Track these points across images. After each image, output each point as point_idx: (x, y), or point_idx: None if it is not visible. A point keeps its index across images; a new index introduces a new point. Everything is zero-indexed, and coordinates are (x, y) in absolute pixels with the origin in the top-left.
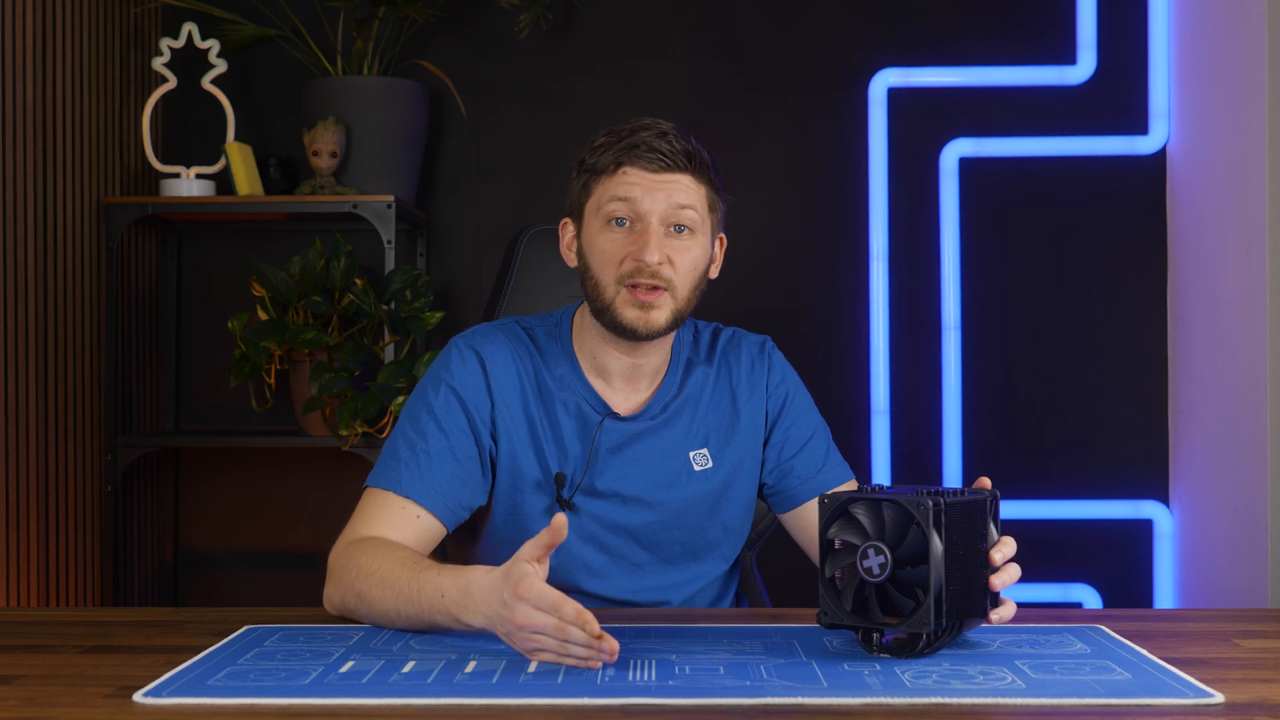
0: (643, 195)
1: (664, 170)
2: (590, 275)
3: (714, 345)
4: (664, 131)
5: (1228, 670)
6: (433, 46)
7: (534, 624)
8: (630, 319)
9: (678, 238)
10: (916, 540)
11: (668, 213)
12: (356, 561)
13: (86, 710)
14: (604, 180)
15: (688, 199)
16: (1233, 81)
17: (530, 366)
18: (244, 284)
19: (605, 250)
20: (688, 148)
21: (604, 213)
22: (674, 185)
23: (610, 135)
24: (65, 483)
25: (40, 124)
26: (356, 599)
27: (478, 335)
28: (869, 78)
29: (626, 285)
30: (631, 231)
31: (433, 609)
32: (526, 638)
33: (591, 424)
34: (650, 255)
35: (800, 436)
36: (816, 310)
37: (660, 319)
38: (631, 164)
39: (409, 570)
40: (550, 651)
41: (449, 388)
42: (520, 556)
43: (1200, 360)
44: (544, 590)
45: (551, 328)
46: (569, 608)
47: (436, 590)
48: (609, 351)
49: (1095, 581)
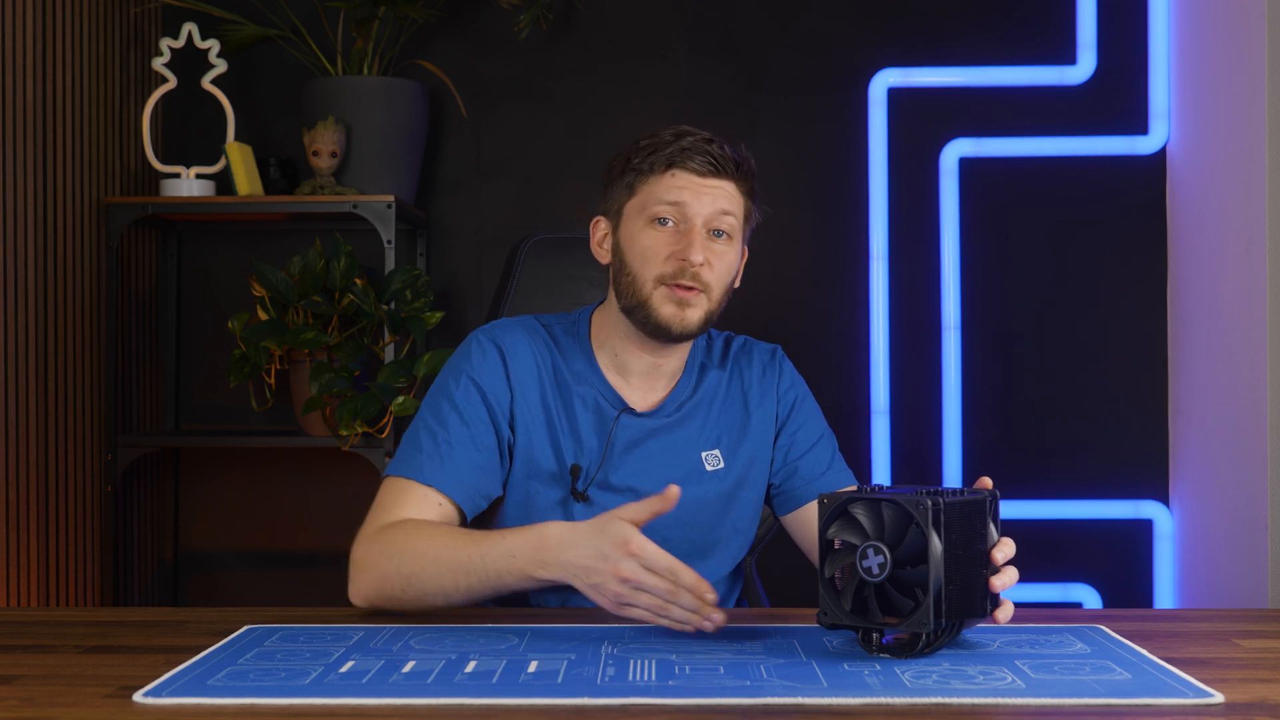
0: (691, 198)
1: (712, 175)
2: (627, 271)
3: (726, 351)
4: (710, 138)
5: (1228, 670)
6: (433, 46)
7: (641, 581)
8: (667, 316)
9: (717, 242)
10: (916, 540)
11: (711, 216)
12: (397, 546)
13: (86, 710)
14: (652, 180)
15: (731, 205)
16: (1233, 81)
17: (549, 359)
18: (244, 284)
19: (647, 247)
20: (737, 156)
21: (650, 212)
22: (720, 191)
23: (655, 138)
24: (65, 483)
25: (40, 124)
26: (403, 582)
27: (497, 329)
28: (869, 78)
29: (667, 284)
30: (676, 231)
31: (500, 571)
32: (626, 592)
33: (608, 418)
34: (696, 255)
35: (807, 439)
36: (816, 310)
37: (695, 318)
38: (682, 166)
39: (465, 541)
40: (644, 609)
41: (469, 379)
42: (620, 515)
43: (1200, 360)
44: (658, 552)
45: (570, 325)
46: (688, 575)
47: (505, 552)
48: (632, 350)
49: (1095, 581)
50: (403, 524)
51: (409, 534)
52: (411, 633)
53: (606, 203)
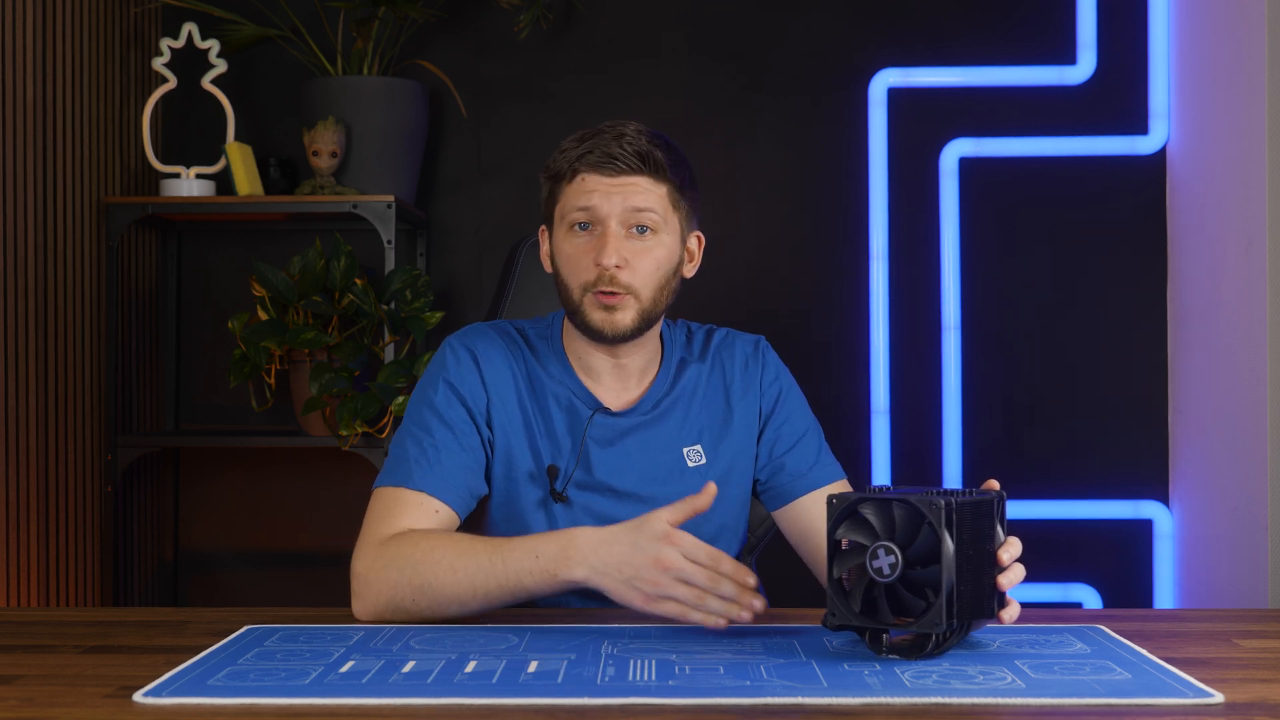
0: (600, 200)
1: (619, 174)
2: (560, 281)
3: (707, 344)
4: (621, 134)
5: (1228, 670)
6: (433, 46)
7: (682, 569)
8: (597, 322)
9: (640, 239)
10: (927, 540)
11: (625, 215)
12: (405, 556)
13: (86, 710)
14: (565, 187)
15: (646, 201)
16: (1233, 81)
17: (522, 361)
18: (244, 284)
19: (570, 256)
20: (640, 149)
21: (568, 219)
22: (631, 188)
23: (571, 141)
24: (65, 483)
25: (40, 124)
26: (414, 592)
27: (470, 333)
28: (869, 78)
29: (592, 291)
30: (593, 236)
31: (521, 572)
32: (665, 582)
33: (582, 418)
34: (607, 258)
35: (793, 434)
36: (816, 310)
37: (625, 320)
38: (588, 170)
39: (483, 546)
40: (680, 602)
41: (446, 383)
42: (657, 515)
43: (1200, 360)
44: (698, 542)
45: (544, 329)
46: (729, 563)
47: (528, 553)
48: (592, 351)
49: (1095, 581)
50: (409, 534)
51: (418, 544)
52: (411, 633)
53: (542, 212)
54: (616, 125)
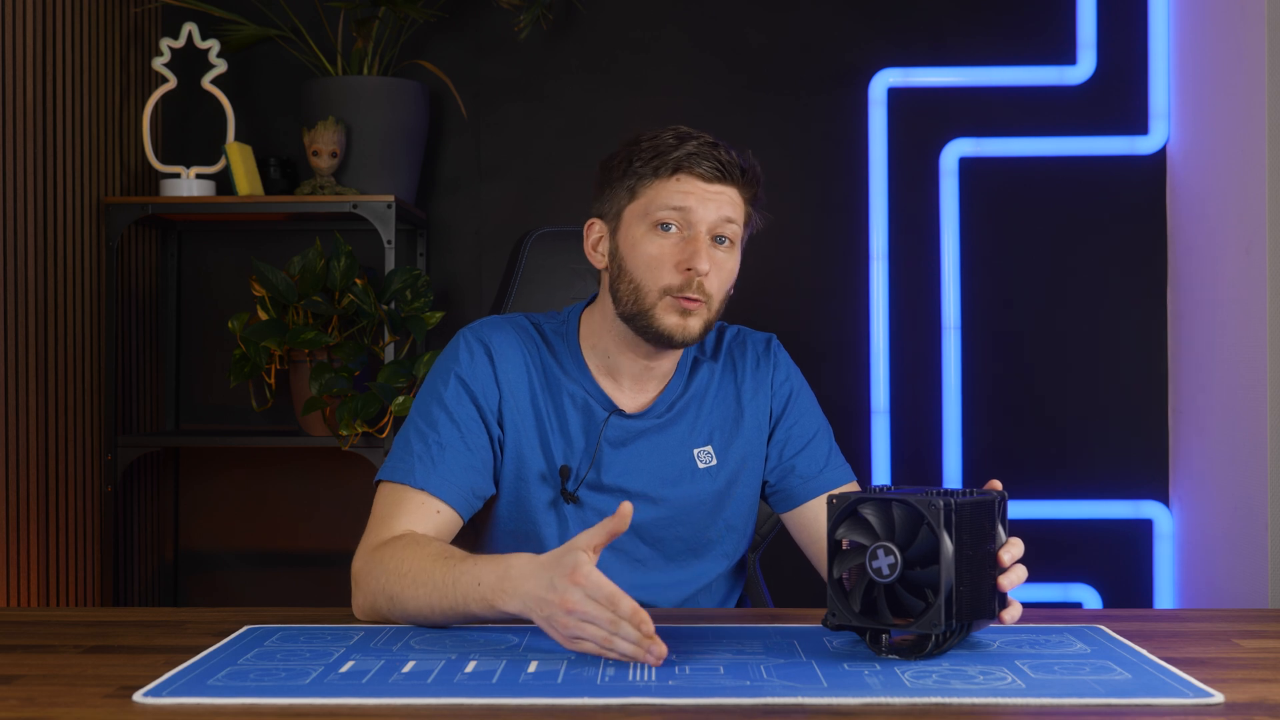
0: (696, 204)
1: (717, 180)
2: (629, 279)
3: (719, 342)
4: (715, 142)
5: (1228, 670)
6: (433, 46)
7: (585, 612)
8: (670, 326)
9: (719, 249)
10: (927, 540)
11: (716, 223)
12: (384, 565)
13: (86, 710)
14: (656, 185)
15: (734, 212)
16: (1233, 81)
17: (538, 359)
18: (244, 284)
19: (653, 255)
20: (742, 160)
21: (653, 218)
22: (724, 197)
23: (658, 141)
24: (65, 483)
25: (40, 124)
26: (388, 601)
27: (485, 326)
28: (869, 78)
29: (673, 295)
30: (680, 239)
31: (467, 598)
32: (572, 624)
33: (598, 419)
34: (702, 264)
35: (803, 435)
36: (816, 310)
37: (696, 327)
38: (688, 171)
39: (441, 564)
40: (593, 642)
41: (457, 378)
42: (576, 544)
43: (1200, 360)
44: (601, 581)
45: (559, 325)
46: (626, 604)
47: (473, 579)
48: (626, 354)
49: (1095, 581)
50: (395, 541)
51: (395, 553)
52: (411, 633)
53: (602, 205)
54: (698, 132)
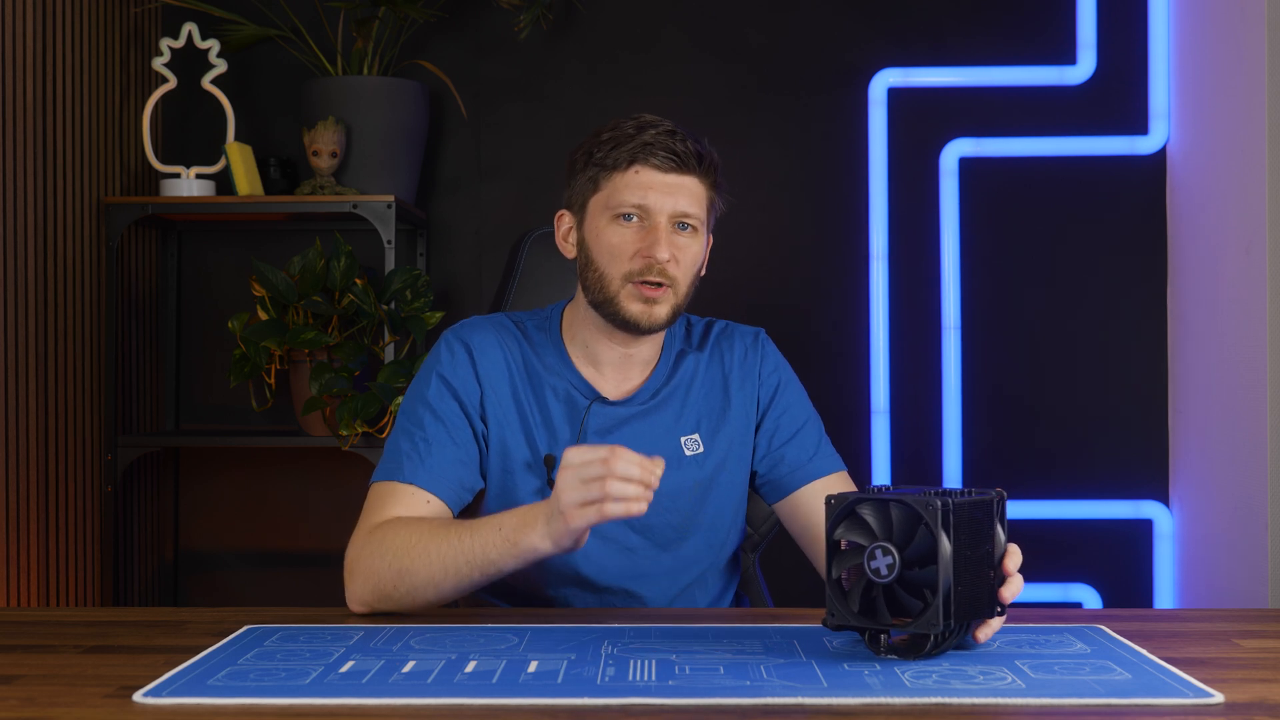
0: (655, 195)
1: (675, 170)
2: (594, 268)
3: (706, 335)
4: (673, 130)
5: (1228, 670)
6: (433, 46)
7: (583, 458)
8: (635, 313)
9: (681, 235)
10: (925, 541)
11: (676, 212)
12: (387, 545)
13: (86, 710)
14: (615, 176)
15: (694, 200)
16: (1233, 81)
17: (518, 353)
18: (244, 284)
19: (614, 245)
20: (699, 150)
21: (614, 209)
22: (681, 187)
23: (617, 131)
24: (65, 483)
25: (40, 124)
26: (396, 578)
27: (465, 327)
28: (869, 78)
29: (634, 281)
30: (641, 228)
31: (487, 544)
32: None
33: (580, 408)
34: (662, 252)
35: (791, 425)
36: (816, 310)
37: (662, 313)
38: (644, 163)
39: (451, 526)
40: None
41: (439, 377)
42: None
43: (1200, 360)
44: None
45: (542, 320)
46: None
47: (493, 527)
48: (603, 341)
49: (1095, 581)
50: (391, 522)
51: (397, 530)
52: (411, 633)
53: (570, 196)
54: (661, 121)
